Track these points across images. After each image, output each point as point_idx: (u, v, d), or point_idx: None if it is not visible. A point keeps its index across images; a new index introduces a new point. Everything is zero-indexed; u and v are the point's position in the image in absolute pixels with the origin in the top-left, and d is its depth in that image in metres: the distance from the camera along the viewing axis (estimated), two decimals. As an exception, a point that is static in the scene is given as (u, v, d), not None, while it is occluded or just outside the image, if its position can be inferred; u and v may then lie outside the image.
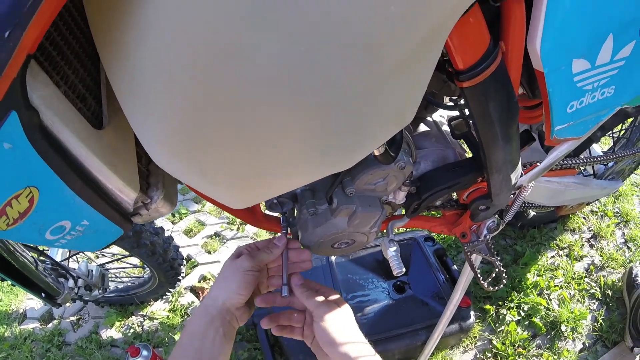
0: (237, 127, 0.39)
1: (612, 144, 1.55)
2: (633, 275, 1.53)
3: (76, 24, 0.49)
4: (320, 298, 0.64)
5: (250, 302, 0.66)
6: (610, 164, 1.51)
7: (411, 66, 0.39)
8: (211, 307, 0.61)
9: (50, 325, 1.66)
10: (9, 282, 1.24)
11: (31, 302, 1.74)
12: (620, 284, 1.60)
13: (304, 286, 0.66)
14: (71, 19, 0.48)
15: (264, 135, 0.40)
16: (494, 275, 0.92)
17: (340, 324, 0.62)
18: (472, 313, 1.38)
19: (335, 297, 0.67)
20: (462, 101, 0.73)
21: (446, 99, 0.74)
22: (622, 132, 1.50)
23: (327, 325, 0.61)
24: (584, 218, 1.87)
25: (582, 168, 1.47)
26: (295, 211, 0.75)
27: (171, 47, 0.35)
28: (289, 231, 0.74)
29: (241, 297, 0.62)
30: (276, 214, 0.76)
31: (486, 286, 0.89)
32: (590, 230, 1.83)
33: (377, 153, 0.53)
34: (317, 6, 0.32)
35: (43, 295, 1.09)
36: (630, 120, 1.41)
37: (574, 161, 0.95)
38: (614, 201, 1.94)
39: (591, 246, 1.77)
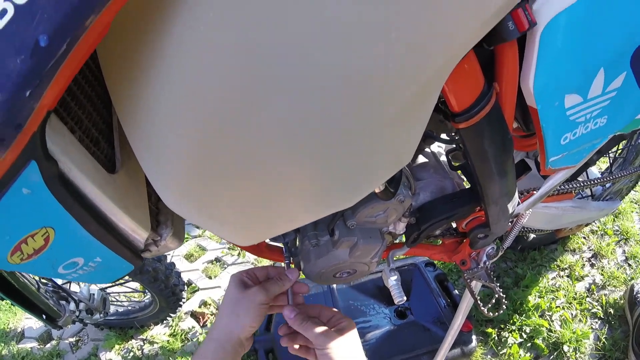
0: (244, 174, 0.41)
1: (609, 164, 1.55)
2: (634, 293, 1.52)
3: (89, 68, 0.50)
4: (320, 328, 0.64)
5: None
6: (608, 185, 1.52)
7: (409, 114, 0.41)
8: (226, 342, 0.61)
9: (48, 345, 1.64)
10: (8, 301, 1.23)
11: (29, 322, 1.72)
12: (622, 302, 1.60)
13: (298, 318, 0.65)
14: (84, 65, 0.49)
15: (270, 182, 0.42)
16: (494, 300, 0.92)
17: (345, 352, 0.62)
18: (473, 337, 1.37)
19: (340, 324, 0.66)
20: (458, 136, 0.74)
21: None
22: (619, 151, 1.50)
23: (330, 352, 0.61)
24: (584, 238, 1.87)
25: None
26: (297, 241, 0.76)
27: (183, 98, 0.37)
28: (291, 261, 0.75)
29: (253, 329, 0.63)
30: (279, 244, 0.77)
31: (486, 312, 0.89)
32: (590, 250, 1.83)
33: (377, 191, 0.55)
34: (320, 65, 0.34)
35: (44, 317, 1.09)
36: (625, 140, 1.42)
37: (571, 185, 0.95)
38: (614, 219, 1.94)
39: (592, 265, 1.77)
